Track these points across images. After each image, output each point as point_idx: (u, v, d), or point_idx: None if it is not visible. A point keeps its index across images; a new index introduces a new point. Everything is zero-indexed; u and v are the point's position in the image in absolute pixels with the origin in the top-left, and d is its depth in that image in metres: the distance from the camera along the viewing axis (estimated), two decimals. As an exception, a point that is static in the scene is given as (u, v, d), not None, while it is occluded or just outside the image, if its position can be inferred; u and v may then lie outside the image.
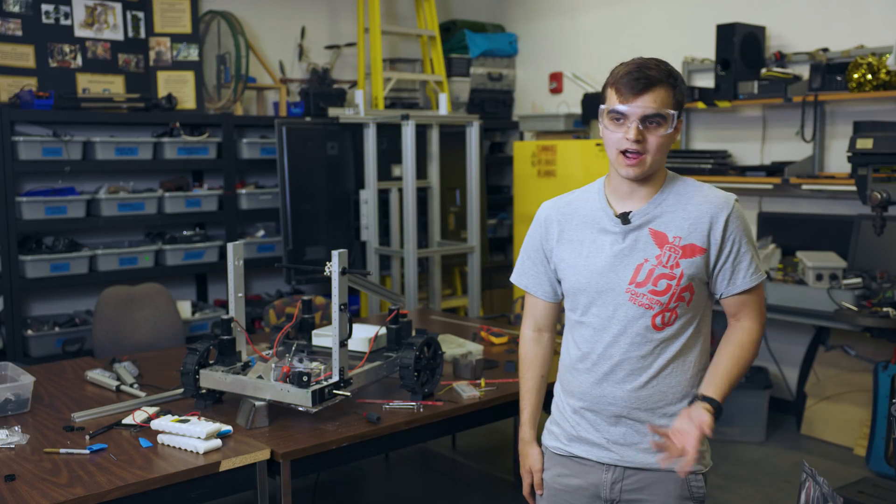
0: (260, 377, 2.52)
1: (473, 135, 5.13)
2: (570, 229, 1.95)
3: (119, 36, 4.83)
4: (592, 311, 1.90)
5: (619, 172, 1.85)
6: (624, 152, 1.81)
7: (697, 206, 1.85)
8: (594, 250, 1.90)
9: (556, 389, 2.05)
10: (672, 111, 1.80)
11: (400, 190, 5.09)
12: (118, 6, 4.81)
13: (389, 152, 5.23)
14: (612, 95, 1.82)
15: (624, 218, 1.87)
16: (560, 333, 2.14)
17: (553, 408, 2.06)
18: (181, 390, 2.75)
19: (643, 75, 1.78)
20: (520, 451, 2.10)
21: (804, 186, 4.57)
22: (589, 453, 1.93)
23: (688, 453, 1.73)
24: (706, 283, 1.89)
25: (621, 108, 1.79)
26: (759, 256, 1.91)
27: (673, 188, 1.89)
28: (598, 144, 5.04)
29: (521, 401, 2.10)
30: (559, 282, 2.01)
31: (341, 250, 2.47)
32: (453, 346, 3.29)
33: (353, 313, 5.26)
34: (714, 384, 1.84)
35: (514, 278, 2.11)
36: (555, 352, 2.14)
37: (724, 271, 1.87)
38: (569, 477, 1.97)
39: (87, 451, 2.27)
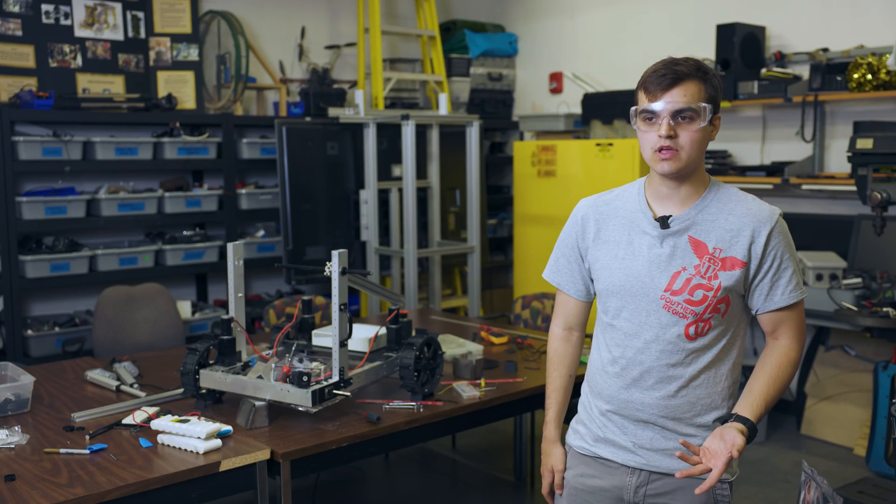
0: (260, 377, 2.52)
1: (473, 135, 5.13)
2: (607, 229, 1.92)
3: (119, 36, 4.83)
4: (624, 314, 1.87)
5: (655, 171, 1.82)
6: (658, 150, 1.77)
7: (740, 218, 1.81)
8: (630, 252, 1.87)
9: (584, 389, 2.02)
10: (704, 104, 1.76)
11: (400, 190, 5.09)
12: (118, 6, 4.81)
13: (389, 152, 5.22)
14: (641, 96, 1.80)
15: (663, 222, 1.83)
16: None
17: (580, 407, 2.03)
18: (181, 390, 2.75)
19: (670, 71, 1.75)
20: (542, 449, 2.07)
21: (804, 186, 4.57)
22: (615, 455, 1.90)
23: (713, 477, 1.69)
24: (743, 296, 1.85)
25: (651, 106, 1.76)
26: (802, 273, 1.87)
27: (716, 195, 1.85)
28: (597, 144, 5.04)
29: (546, 399, 2.07)
30: (592, 281, 1.98)
31: (341, 250, 2.47)
32: (453, 346, 3.29)
33: (353, 313, 5.26)
34: (750, 404, 1.80)
35: (546, 275, 2.07)
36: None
37: (762, 287, 1.82)
38: (592, 478, 1.94)
39: (87, 451, 2.27)
